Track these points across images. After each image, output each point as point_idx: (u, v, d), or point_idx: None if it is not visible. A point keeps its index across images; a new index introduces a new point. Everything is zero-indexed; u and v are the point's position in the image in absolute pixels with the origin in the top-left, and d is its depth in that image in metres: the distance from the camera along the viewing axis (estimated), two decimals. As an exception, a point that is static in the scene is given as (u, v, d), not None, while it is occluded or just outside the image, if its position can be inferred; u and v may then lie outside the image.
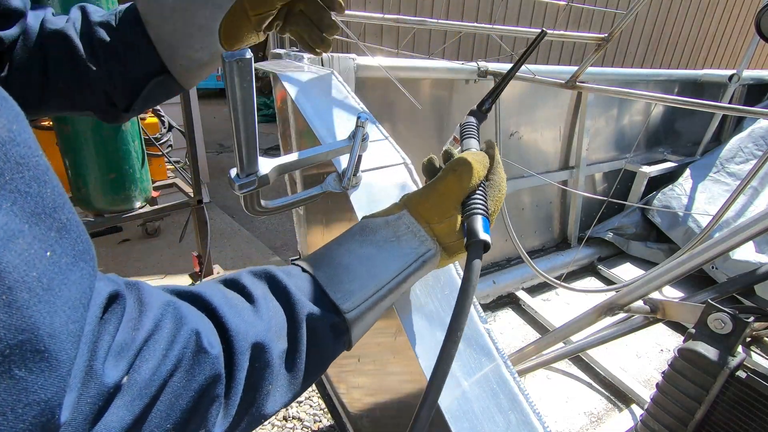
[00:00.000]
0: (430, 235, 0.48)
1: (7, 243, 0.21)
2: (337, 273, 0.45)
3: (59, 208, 0.25)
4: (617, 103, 2.21)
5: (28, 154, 0.23)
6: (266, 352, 0.37)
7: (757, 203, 1.98)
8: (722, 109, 0.82)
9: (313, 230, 1.21)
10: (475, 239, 0.45)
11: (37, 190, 0.23)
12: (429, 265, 0.49)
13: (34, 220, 0.23)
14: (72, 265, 0.25)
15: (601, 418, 1.34)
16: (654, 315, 1.09)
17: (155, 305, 0.32)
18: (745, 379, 0.82)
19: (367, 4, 4.71)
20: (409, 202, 0.51)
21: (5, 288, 0.20)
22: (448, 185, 0.49)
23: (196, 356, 0.32)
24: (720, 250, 0.88)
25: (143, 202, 2.29)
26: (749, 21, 7.37)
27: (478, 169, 0.50)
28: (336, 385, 1.28)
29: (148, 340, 0.30)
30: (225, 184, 4.40)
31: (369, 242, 0.48)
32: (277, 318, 0.39)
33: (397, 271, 0.46)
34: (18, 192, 0.22)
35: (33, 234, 0.22)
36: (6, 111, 0.23)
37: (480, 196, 0.50)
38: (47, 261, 0.23)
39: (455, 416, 0.51)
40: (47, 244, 0.23)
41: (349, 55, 1.22)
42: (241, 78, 0.45)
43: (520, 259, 2.00)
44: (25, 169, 0.23)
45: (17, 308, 0.20)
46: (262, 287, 0.41)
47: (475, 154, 0.53)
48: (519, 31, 1.30)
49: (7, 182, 0.22)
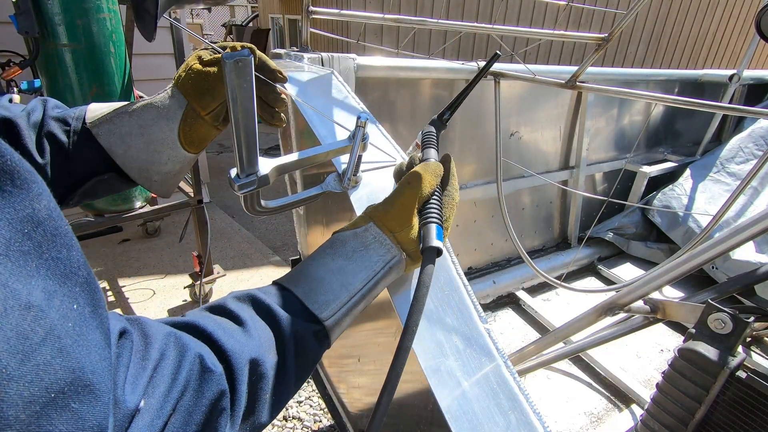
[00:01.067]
0: (394, 243, 0.53)
1: (49, 302, 0.25)
2: (312, 287, 0.49)
3: (82, 266, 0.29)
4: (617, 103, 2.21)
5: (60, 225, 0.28)
6: (261, 365, 0.41)
7: (757, 203, 1.98)
8: (722, 109, 0.82)
9: (313, 230, 1.21)
10: (428, 246, 0.50)
11: (66, 254, 0.28)
12: (395, 270, 0.54)
13: (63, 280, 0.27)
14: (93, 313, 0.29)
15: (601, 418, 1.34)
16: (654, 315, 1.09)
17: (158, 337, 0.36)
18: (745, 379, 0.82)
19: (367, 4, 4.71)
20: (374, 213, 0.56)
21: (55, 337, 0.24)
22: (405, 197, 0.55)
23: (202, 376, 0.36)
24: (720, 250, 0.88)
25: (143, 202, 2.29)
26: (749, 21, 7.37)
27: (431, 180, 0.56)
28: (336, 385, 1.28)
29: (157, 368, 0.34)
30: (225, 184, 4.40)
31: (340, 254, 0.53)
32: (266, 335, 0.44)
33: (367, 279, 0.51)
34: (53, 259, 0.27)
35: (64, 292, 0.27)
36: (44, 190, 0.27)
37: (434, 205, 0.55)
38: (76, 312, 0.27)
39: (455, 416, 0.51)
40: (74, 299, 0.27)
41: (349, 55, 1.22)
42: (241, 78, 0.45)
43: (520, 259, 2.00)
44: (57, 238, 0.27)
45: (67, 353, 0.25)
46: (247, 309, 0.45)
47: (428, 165, 0.58)
48: (519, 31, 1.30)
49: (44, 252, 0.26)
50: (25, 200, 0.26)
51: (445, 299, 0.60)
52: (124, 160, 0.63)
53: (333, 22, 4.59)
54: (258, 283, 2.87)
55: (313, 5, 1.16)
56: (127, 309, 2.56)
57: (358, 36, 1.44)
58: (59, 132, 0.59)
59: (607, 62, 6.39)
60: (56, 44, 1.73)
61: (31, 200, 0.26)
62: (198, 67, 0.63)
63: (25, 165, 0.26)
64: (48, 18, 1.69)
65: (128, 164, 0.63)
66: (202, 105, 0.63)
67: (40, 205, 0.27)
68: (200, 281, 2.47)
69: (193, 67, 0.63)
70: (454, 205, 0.58)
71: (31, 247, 0.25)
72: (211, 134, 0.67)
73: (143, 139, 0.63)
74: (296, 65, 1.05)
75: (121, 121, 0.62)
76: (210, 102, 0.63)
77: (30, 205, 0.26)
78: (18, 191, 0.25)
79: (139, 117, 0.62)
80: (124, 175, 0.65)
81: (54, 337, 0.24)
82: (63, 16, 1.69)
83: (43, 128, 0.59)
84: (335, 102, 0.87)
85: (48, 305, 0.25)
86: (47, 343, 0.24)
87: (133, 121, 0.62)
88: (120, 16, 1.91)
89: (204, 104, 0.63)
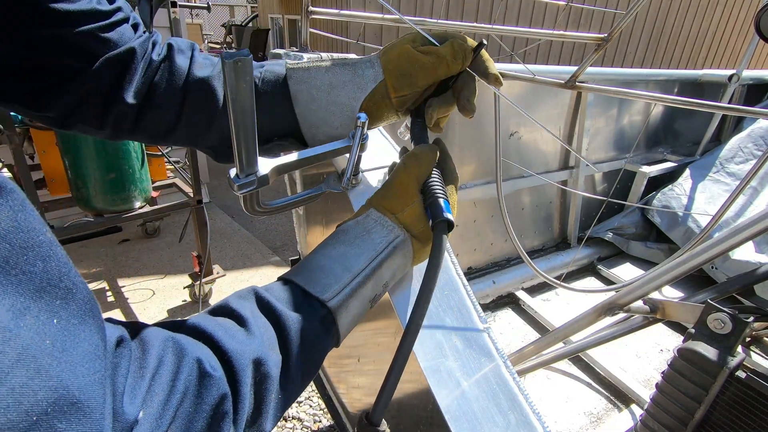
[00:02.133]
0: (396, 224, 0.53)
1: (18, 321, 0.24)
2: (313, 274, 0.49)
3: (64, 275, 0.28)
4: (617, 103, 2.21)
5: (32, 237, 0.26)
6: (264, 365, 0.40)
7: (757, 203, 1.98)
8: (722, 109, 0.82)
9: (313, 230, 1.21)
10: (439, 219, 0.50)
11: (42, 267, 0.26)
12: (401, 250, 0.53)
13: (38, 295, 0.26)
14: (80, 324, 0.28)
15: (601, 418, 1.34)
16: (654, 315, 1.09)
17: (156, 342, 0.35)
18: (744, 379, 0.82)
19: (367, 4, 4.71)
20: (373, 199, 0.56)
21: (30, 357, 0.23)
22: (402, 176, 0.55)
23: (201, 381, 0.35)
24: (720, 250, 0.88)
25: (143, 202, 2.29)
26: (749, 21, 7.37)
27: (427, 159, 0.56)
28: (336, 385, 1.28)
29: (155, 376, 0.33)
30: (225, 184, 4.40)
31: (341, 242, 0.52)
32: (268, 332, 0.43)
33: (369, 259, 0.50)
34: (23, 273, 0.25)
35: (39, 307, 0.25)
36: (11, 201, 0.26)
37: (436, 182, 0.54)
38: (56, 327, 0.26)
39: (455, 416, 0.51)
40: (53, 313, 0.26)
41: (349, 55, 1.22)
42: (241, 78, 0.45)
43: (519, 259, 2.00)
44: (29, 251, 0.26)
45: (45, 372, 0.24)
46: (249, 306, 0.44)
47: (421, 146, 0.58)
48: (519, 31, 1.30)
49: (12, 268, 0.25)
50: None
51: (445, 299, 0.60)
52: (303, 110, 0.62)
53: (333, 22, 4.59)
54: (258, 283, 2.87)
55: (312, 5, 1.16)
56: (126, 309, 2.56)
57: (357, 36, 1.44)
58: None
59: (607, 62, 6.40)
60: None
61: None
62: (409, 49, 0.61)
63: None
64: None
65: (305, 116, 0.63)
66: (396, 86, 0.61)
67: (3, 215, 0.25)
68: (200, 281, 2.46)
69: (405, 46, 0.61)
70: (455, 183, 0.58)
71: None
72: (389, 117, 0.66)
73: (328, 98, 0.62)
74: (296, 65, 1.05)
75: (317, 73, 0.61)
76: (405, 87, 0.61)
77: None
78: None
79: (333, 75, 0.62)
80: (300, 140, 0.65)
81: (29, 357, 0.23)
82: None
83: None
84: (335, 102, 0.87)
85: (17, 324, 0.23)
86: (21, 364, 0.23)
87: (326, 77, 0.61)
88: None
89: (399, 86, 0.61)
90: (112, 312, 2.51)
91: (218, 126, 0.62)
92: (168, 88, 0.59)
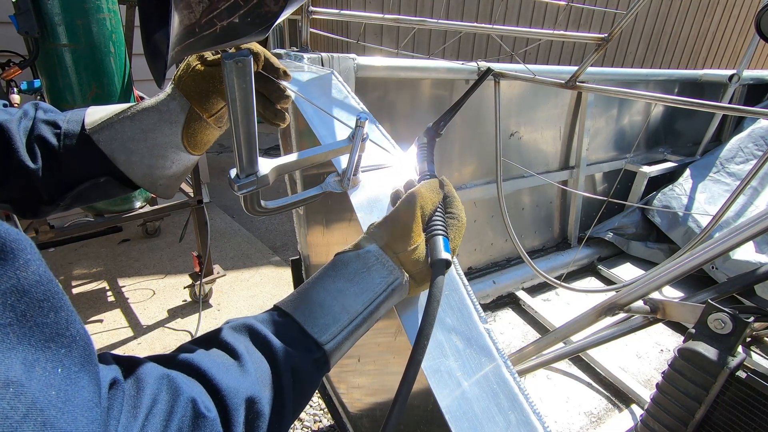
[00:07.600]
0: (397, 265, 0.52)
1: (29, 373, 0.24)
2: (312, 310, 0.48)
3: (70, 324, 0.28)
4: (617, 103, 2.21)
5: (48, 289, 0.27)
6: (257, 403, 0.40)
7: (757, 203, 1.98)
8: (722, 109, 0.82)
9: (313, 230, 1.21)
10: (436, 259, 0.51)
11: (54, 318, 0.27)
12: (398, 293, 0.53)
13: (48, 345, 0.26)
14: (81, 371, 0.28)
15: (601, 418, 1.34)
16: (654, 315, 1.09)
17: (150, 381, 0.35)
18: (745, 379, 0.82)
19: (367, 4, 4.71)
20: (376, 234, 0.55)
21: (38, 411, 0.24)
22: (406, 215, 0.54)
23: (195, 422, 0.35)
24: (720, 250, 0.88)
25: (143, 202, 2.29)
26: (749, 21, 7.37)
27: (432, 197, 0.56)
28: (336, 385, 1.28)
29: (149, 416, 0.33)
30: (225, 184, 4.40)
31: (341, 276, 0.51)
32: (262, 368, 0.42)
33: (368, 301, 0.50)
34: (37, 326, 0.26)
35: (47, 357, 0.26)
36: (32, 255, 0.27)
37: (438, 220, 0.55)
38: (60, 377, 0.26)
39: (455, 416, 0.51)
40: (58, 362, 0.27)
41: (349, 56, 1.22)
42: (241, 79, 0.45)
43: (520, 259, 2.00)
44: (45, 302, 0.27)
45: (51, 425, 0.24)
46: (243, 341, 0.44)
47: (427, 182, 0.58)
48: (519, 31, 1.30)
49: (28, 320, 0.26)
50: (10, 271, 0.25)
51: (445, 299, 0.60)
52: (127, 166, 0.61)
53: (333, 22, 4.59)
54: (258, 282, 2.87)
55: (313, 5, 1.16)
56: (126, 309, 2.56)
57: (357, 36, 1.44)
58: (50, 135, 0.58)
59: (607, 62, 6.39)
60: (56, 44, 1.73)
61: (17, 269, 0.26)
62: (200, 67, 0.59)
63: (11, 233, 0.26)
64: (48, 18, 1.68)
65: (132, 170, 0.62)
66: (206, 108, 0.60)
67: (27, 272, 0.26)
68: (200, 281, 2.46)
69: (195, 67, 0.59)
70: (461, 227, 0.57)
71: (13, 318, 0.25)
72: (214, 135, 0.65)
73: (146, 144, 0.61)
74: (296, 65, 1.05)
75: (123, 127, 0.60)
76: (214, 105, 0.61)
77: (15, 275, 0.25)
78: (2, 263, 0.25)
79: (141, 121, 0.60)
80: (120, 179, 0.63)
81: (36, 411, 0.24)
82: (63, 16, 1.69)
83: (34, 132, 0.57)
84: (335, 102, 0.87)
85: (28, 377, 0.24)
86: (29, 418, 0.23)
87: (135, 126, 0.60)
88: (120, 16, 1.91)
89: (208, 107, 0.60)
90: (112, 312, 2.51)
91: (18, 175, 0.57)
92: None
